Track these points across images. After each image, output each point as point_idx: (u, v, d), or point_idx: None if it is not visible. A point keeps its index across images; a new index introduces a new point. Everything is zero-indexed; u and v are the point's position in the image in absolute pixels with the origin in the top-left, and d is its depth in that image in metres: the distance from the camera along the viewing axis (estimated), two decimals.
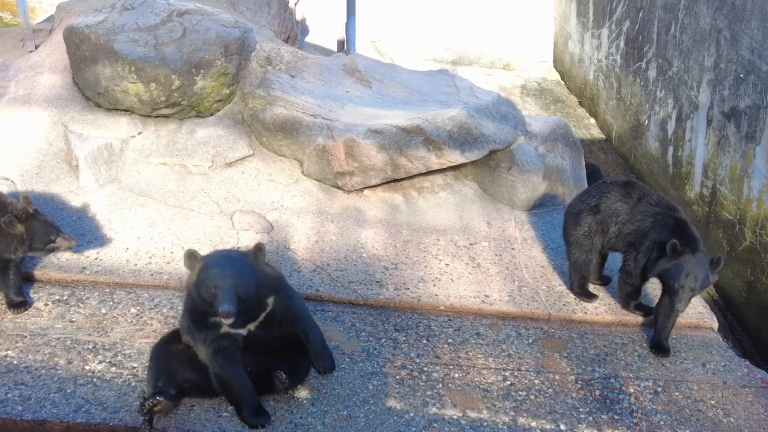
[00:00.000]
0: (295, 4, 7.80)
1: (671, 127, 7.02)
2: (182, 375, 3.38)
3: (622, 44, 8.41)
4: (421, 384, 3.79)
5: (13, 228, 3.78)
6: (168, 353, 3.44)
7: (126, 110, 5.62)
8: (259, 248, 3.32)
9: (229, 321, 3.11)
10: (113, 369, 3.64)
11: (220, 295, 3.09)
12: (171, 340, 3.52)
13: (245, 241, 4.74)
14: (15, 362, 3.61)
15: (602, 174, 7.05)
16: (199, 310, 3.26)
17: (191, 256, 3.25)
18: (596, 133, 8.79)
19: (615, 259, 4.72)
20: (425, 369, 3.91)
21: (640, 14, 7.89)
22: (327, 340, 3.98)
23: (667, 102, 7.12)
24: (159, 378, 3.37)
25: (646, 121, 7.60)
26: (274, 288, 3.37)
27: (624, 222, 4.35)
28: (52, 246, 3.93)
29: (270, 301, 3.37)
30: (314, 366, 3.58)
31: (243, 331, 3.34)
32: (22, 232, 3.81)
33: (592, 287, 4.71)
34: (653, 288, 4.69)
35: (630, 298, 4.50)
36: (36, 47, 6.34)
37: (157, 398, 3.26)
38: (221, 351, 3.27)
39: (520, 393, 3.82)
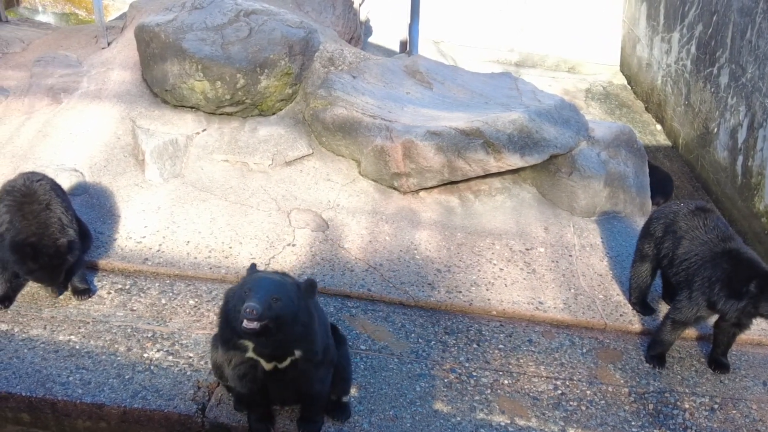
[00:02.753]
0: (360, 5, 7.86)
1: (742, 135, 6.77)
2: None
3: (693, 49, 8.15)
4: (469, 388, 3.77)
5: None
6: None
7: (192, 107, 5.78)
8: (311, 284, 3.00)
9: (252, 323, 2.77)
10: (170, 358, 3.75)
11: (250, 295, 2.79)
12: None
13: (301, 239, 4.81)
14: (77, 347, 3.76)
15: (673, 183, 6.88)
16: (228, 326, 3.01)
17: (251, 267, 3.04)
18: (662, 139, 8.55)
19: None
20: (474, 374, 3.89)
21: (714, 18, 7.64)
22: (376, 341, 4.02)
23: (739, 109, 6.87)
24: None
25: (716, 129, 7.35)
26: (304, 341, 3.01)
27: (674, 248, 4.14)
28: None
29: (297, 352, 3.05)
30: (298, 423, 3.37)
31: (267, 365, 3.07)
32: None
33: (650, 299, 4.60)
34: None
35: (661, 344, 4.13)
36: (108, 44, 6.59)
37: None
38: (246, 376, 3.10)
39: (571, 403, 3.76)
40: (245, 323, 2.78)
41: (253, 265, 3.13)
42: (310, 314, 2.99)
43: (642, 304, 4.53)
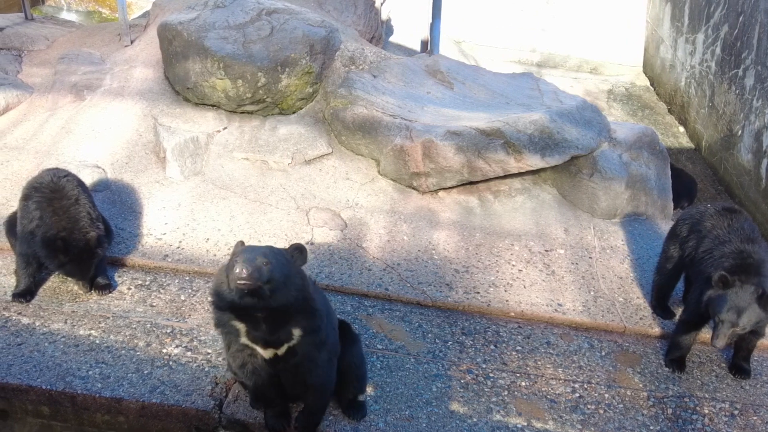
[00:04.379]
0: (381, 4, 7.86)
1: (767, 138, 6.68)
2: None
3: (718, 50, 8.06)
4: (486, 390, 3.76)
5: None
6: None
7: (213, 105, 5.81)
8: (298, 248, 2.92)
9: (245, 281, 2.71)
10: (188, 354, 3.77)
11: (240, 260, 2.73)
12: None
13: (319, 237, 4.82)
14: (97, 342, 3.79)
15: (697, 186, 6.82)
16: (221, 299, 2.94)
17: (239, 244, 2.98)
18: (685, 142, 8.46)
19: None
20: (491, 375, 3.87)
21: (740, 19, 7.55)
22: (393, 340, 4.02)
23: (764, 112, 6.78)
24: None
25: (740, 132, 7.26)
26: (305, 318, 2.96)
27: (696, 248, 4.09)
28: None
29: (296, 333, 3.01)
30: (296, 421, 3.35)
31: (265, 353, 3.06)
32: None
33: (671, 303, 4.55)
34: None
35: (678, 347, 4.05)
36: (131, 42, 6.65)
37: None
38: (246, 365, 3.10)
39: (589, 406, 3.73)
40: (239, 281, 2.74)
41: (241, 242, 3.07)
42: (303, 277, 2.93)
43: (662, 308, 4.48)
